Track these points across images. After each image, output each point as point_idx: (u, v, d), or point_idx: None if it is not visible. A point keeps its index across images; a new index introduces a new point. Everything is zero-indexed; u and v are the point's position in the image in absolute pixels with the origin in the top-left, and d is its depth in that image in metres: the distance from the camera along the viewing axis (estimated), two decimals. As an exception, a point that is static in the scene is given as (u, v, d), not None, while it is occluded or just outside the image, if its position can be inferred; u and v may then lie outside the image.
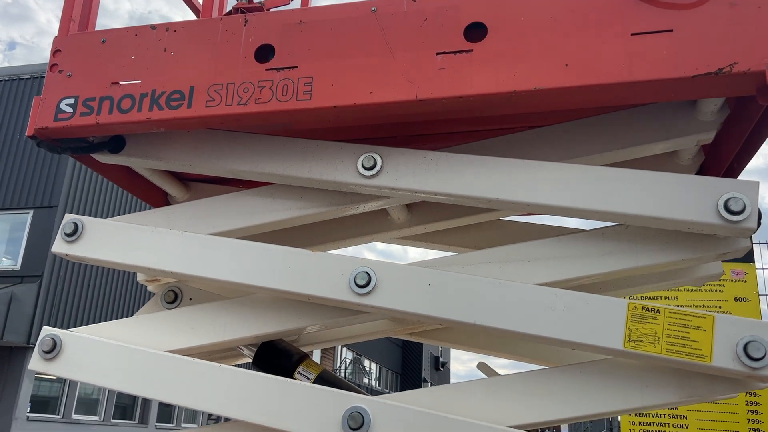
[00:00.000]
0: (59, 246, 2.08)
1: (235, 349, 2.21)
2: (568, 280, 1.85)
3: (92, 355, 1.95)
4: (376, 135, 2.12)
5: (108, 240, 2.06)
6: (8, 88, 16.28)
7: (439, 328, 2.63)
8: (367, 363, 34.15)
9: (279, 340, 2.14)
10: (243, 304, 2.03)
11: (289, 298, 1.97)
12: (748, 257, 5.65)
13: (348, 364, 31.12)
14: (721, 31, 1.56)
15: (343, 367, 29.92)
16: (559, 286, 1.77)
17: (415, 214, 2.30)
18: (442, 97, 1.70)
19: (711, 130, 1.86)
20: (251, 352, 2.14)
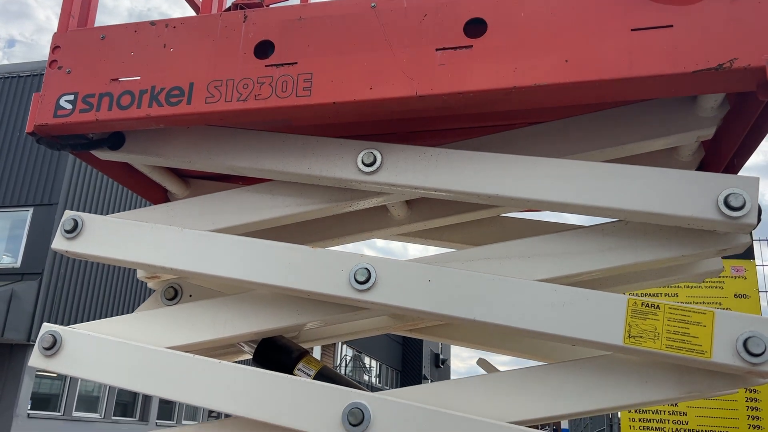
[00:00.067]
0: (59, 243, 2.08)
1: (235, 345, 2.21)
2: (568, 276, 1.85)
3: (92, 351, 1.95)
4: (375, 131, 2.12)
5: (108, 237, 2.06)
6: (8, 85, 16.27)
7: (439, 325, 2.64)
8: (367, 360, 34.18)
9: (279, 337, 2.14)
10: (243, 301, 2.03)
11: (289, 295, 1.97)
12: (748, 254, 5.66)
13: (348, 361, 31.14)
14: (721, 27, 1.56)
15: (344, 365, 29.93)
16: (559, 282, 1.77)
17: (414, 211, 2.30)
18: (442, 93, 1.70)
19: (711, 126, 1.85)
20: (251, 349, 2.14)
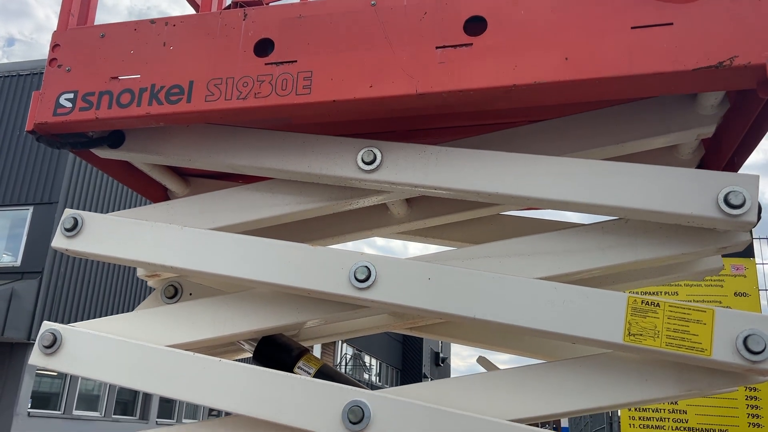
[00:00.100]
0: (59, 241, 2.08)
1: (236, 343, 2.21)
2: (568, 274, 1.85)
3: (92, 349, 1.95)
4: (375, 129, 2.12)
5: (108, 235, 2.06)
6: (7, 84, 16.27)
7: (440, 323, 2.64)
8: (367, 359, 34.20)
9: (279, 335, 2.14)
10: (243, 299, 2.03)
11: (289, 293, 1.97)
12: (748, 252, 5.66)
13: (348, 360, 31.16)
14: (721, 24, 1.56)
15: (344, 363, 29.95)
16: (559, 280, 1.77)
17: (414, 209, 2.30)
18: (442, 91, 1.70)
19: (711, 124, 1.85)
20: (251, 347, 2.14)
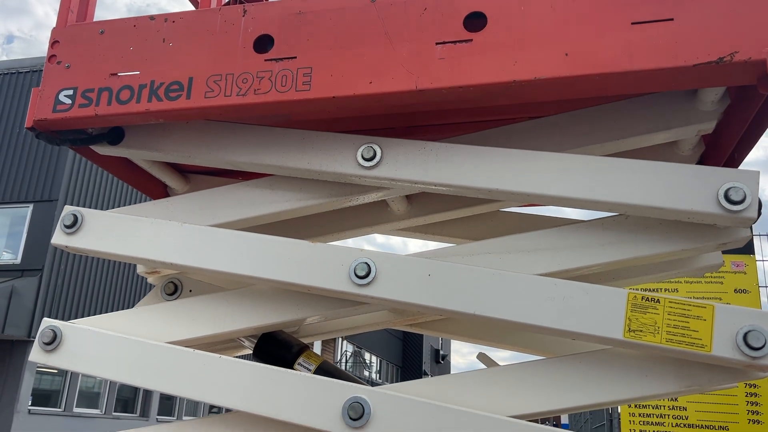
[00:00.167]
0: (59, 238, 2.08)
1: (236, 340, 2.21)
2: (568, 271, 1.85)
3: (92, 346, 1.96)
4: (375, 126, 2.11)
5: (108, 231, 2.06)
6: (7, 81, 16.26)
7: (440, 319, 2.64)
8: (367, 356, 34.23)
9: (279, 332, 2.14)
10: (243, 296, 2.03)
11: (289, 290, 1.97)
12: (749, 249, 5.66)
13: (348, 357, 31.19)
14: (721, 20, 1.55)
15: (344, 360, 29.98)
16: (559, 277, 1.77)
17: (414, 206, 2.30)
18: (442, 87, 1.70)
19: (711, 120, 1.85)
20: (251, 344, 2.14)
